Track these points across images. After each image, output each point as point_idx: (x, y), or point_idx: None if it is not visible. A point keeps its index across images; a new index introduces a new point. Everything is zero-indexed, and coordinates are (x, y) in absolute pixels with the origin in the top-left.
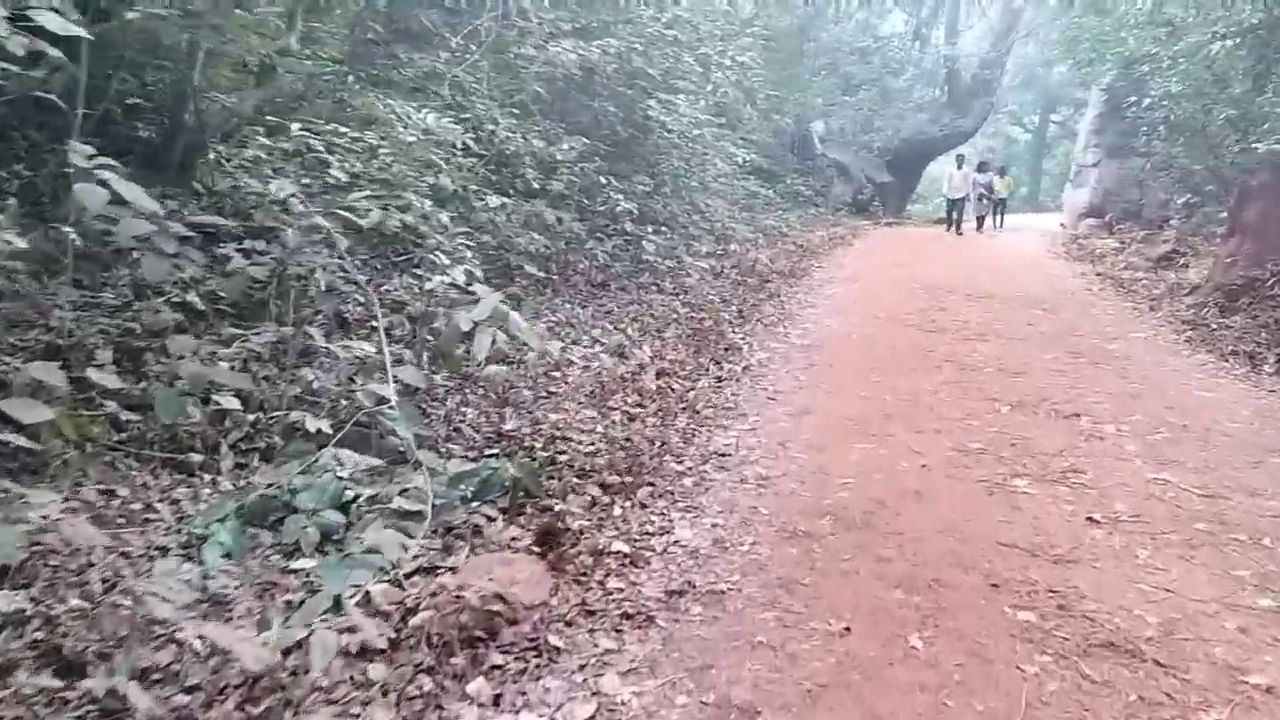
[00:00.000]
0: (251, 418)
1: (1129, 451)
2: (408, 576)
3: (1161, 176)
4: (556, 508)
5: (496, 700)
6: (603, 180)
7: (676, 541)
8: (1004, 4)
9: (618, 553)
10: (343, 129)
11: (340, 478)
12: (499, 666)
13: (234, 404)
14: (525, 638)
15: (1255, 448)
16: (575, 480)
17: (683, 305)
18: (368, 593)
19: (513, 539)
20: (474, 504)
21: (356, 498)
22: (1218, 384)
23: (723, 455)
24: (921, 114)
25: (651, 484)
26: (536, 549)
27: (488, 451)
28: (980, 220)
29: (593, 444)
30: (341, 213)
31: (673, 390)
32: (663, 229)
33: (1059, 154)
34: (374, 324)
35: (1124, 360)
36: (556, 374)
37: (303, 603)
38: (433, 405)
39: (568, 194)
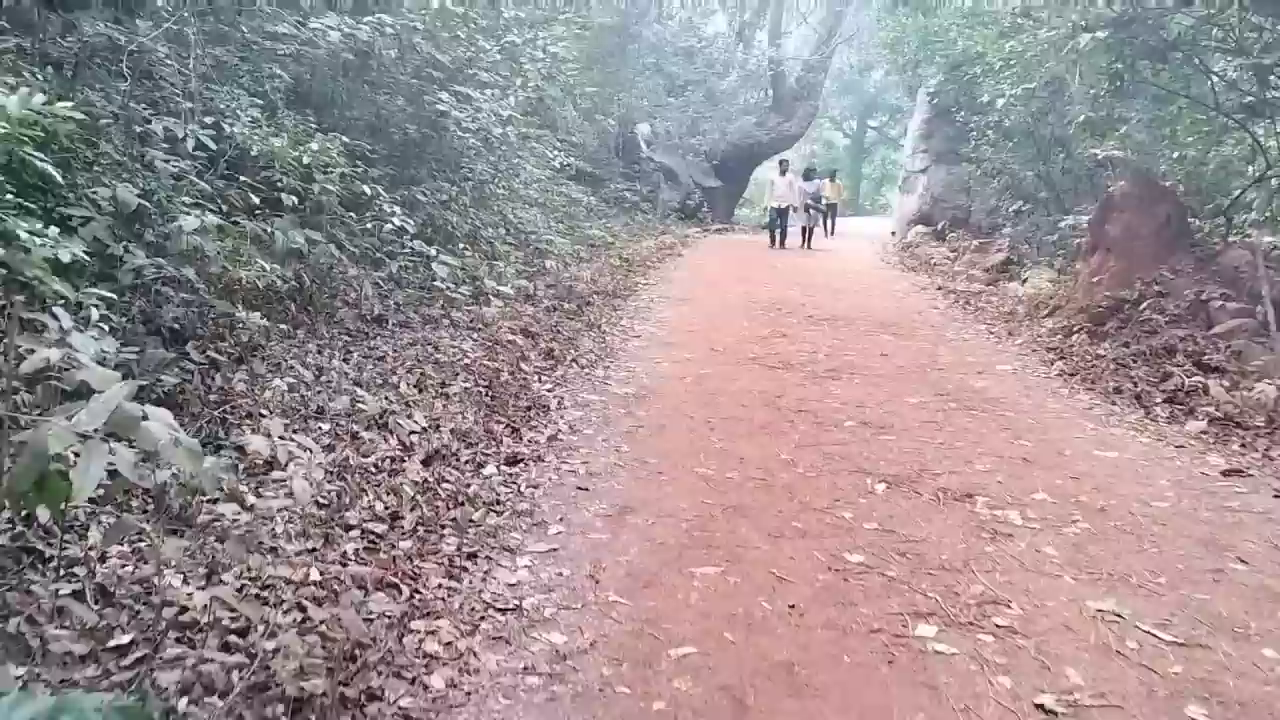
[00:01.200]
0: None
1: (1051, 560)
2: None
3: (991, 183)
4: None
5: None
6: (367, 190)
7: None
8: (827, 6)
9: None
10: None
11: None
12: None
13: None
14: None
15: (1201, 543)
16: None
17: (479, 346)
18: None
19: None
20: None
21: None
22: (1113, 435)
23: (502, 610)
24: (748, 117)
25: (376, 697)
26: None
27: (114, 642)
28: (808, 233)
29: (286, 616)
30: None
31: (445, 486)
32: (462, 246)
33: (877, 159)
34: None
35: (999, 403)
36: (271, 474)
37: None
38: (66, 539)
39: (328, 208)
